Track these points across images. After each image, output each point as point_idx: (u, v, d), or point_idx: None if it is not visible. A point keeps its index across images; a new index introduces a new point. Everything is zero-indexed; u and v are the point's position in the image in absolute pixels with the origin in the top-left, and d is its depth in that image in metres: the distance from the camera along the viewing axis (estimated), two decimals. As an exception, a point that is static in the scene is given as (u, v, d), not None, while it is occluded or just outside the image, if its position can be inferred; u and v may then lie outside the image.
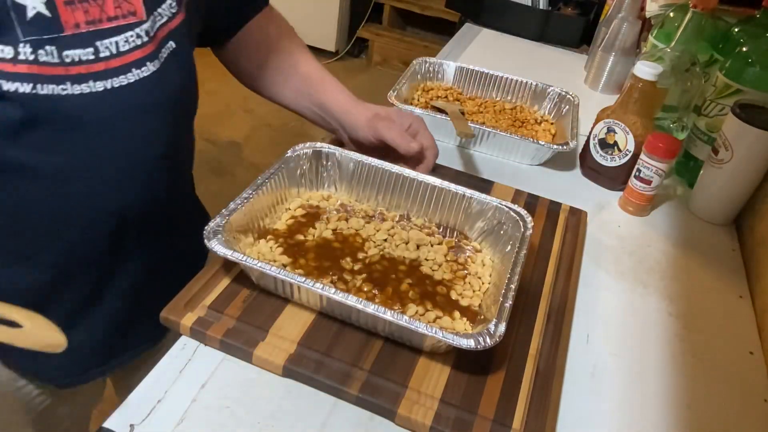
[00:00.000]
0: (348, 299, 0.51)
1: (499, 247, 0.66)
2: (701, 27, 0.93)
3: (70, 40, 0.49)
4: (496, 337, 0.50)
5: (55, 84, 0.49)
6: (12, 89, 0.48)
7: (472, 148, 0.93)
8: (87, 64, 0.50)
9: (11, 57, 0.47)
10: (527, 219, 0.64)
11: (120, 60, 0.52)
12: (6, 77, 0.47)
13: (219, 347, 0.54)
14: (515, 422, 0.50)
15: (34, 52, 0.47)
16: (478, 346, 0.49)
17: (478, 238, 0.69)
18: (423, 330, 0.50)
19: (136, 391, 0.50)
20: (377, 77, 3.31)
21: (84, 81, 0.50)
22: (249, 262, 0.53)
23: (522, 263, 0.59)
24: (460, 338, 0.50)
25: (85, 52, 0.50)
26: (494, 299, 0.57)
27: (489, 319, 0.53)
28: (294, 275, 0.54)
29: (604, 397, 0.57)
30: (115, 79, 0.52)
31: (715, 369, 0.63)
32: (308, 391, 0.52)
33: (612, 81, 1.20)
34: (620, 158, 0.85)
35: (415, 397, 0.51)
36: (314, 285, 0.52)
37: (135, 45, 0.53)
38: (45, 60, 0.48)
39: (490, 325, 0.51)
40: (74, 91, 0.50)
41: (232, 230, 0.58)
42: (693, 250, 0.80)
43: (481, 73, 1.04)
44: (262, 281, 0.57)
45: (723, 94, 0.85)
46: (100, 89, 0.52)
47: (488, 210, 0.67)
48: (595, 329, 0.64)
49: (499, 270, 0.63)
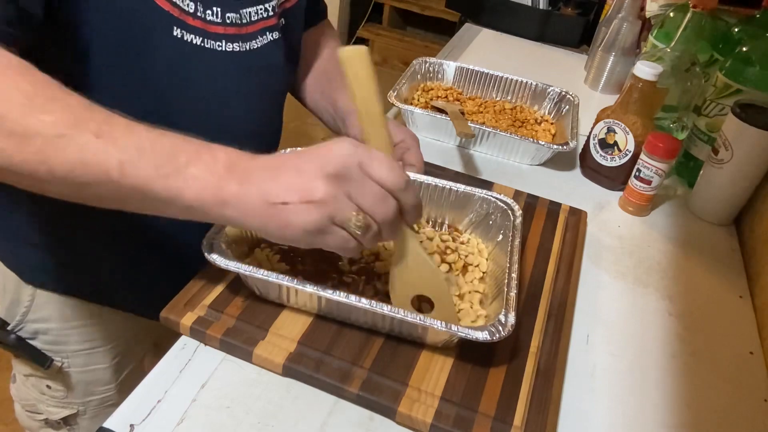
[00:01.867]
0: (373, 306, 0.51)
1: (490, 237, 0.66)
2: (701, 27, 0.93)
3: (228, 4, 0.59)
4: (509, 326, 0.51)
5: (213, 40, 0.58)
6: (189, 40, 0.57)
7: (472, 148, 0.93)
8: (237, 27, 0.60)
9: (192, 11, 0.56)
10: (514, 207, 0.65)
11: (253, 27, 0.62)
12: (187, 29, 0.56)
13: (219, 346, 0.54)
14: (516, 419, 0.50)
15: (204, 11, 0.57)
16: (493, 338, 0.50)
17: (468, 229, 0.69)
18: (439, 326, 0.50)
19: (136, 391, 0.50)
20: (377, 77, 3.30)
21: (235, 41, 0.61)
22: (253, 272, 0.52)
23: (518, 251, 0.59)
24: (475, 331, 0.50)
25: (236, 16, 0.60)
26: (497, 290, 0.57)
27: (497, 310, 0.54)
28: (305, 283, 0.52)
29: (604, 397, 0.57)
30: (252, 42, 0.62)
31: (715, 369, 0.63)
32: (308, 391, 0.52)
33: (612, 81, 1.20)
34: (620, 158, 0.85)
35: (416, 395, 0.51)
36: (333, 293, 0.51)
37: (261, 17, 0.63)
38: (211, 20, 0.58)
39: (500, 316, 0.52)
40: (227, 48, 0.60)
41: (228, 240, 0.57)
42: (693, 250, 0.80)
43: (481, 73, 1.04)
44: (266, 291, 0.56)
45: (723, 94, 0.85)
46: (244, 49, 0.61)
47: (475, 201, 0.68)
48: (595, 329, 0.64)
49: (494, 259, 0.64)
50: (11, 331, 0.72)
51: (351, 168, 0.44)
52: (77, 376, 0.77)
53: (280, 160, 0.46)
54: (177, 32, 0.56)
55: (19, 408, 0.81)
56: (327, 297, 0.52)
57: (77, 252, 0.69)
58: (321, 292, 0.52)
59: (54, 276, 0.70)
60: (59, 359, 0.74)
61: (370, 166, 0.45)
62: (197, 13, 0.56)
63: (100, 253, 0.69)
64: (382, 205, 0.45)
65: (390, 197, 0.46)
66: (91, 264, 0.70)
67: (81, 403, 0.79)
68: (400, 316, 0.50)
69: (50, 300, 0.71)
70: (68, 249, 0.69)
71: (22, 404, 0.80)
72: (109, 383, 0.80)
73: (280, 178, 0.45)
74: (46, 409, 0.78)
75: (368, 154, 0.45)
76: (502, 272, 0.58)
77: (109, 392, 0.80)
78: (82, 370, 0.77)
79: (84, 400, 0.79)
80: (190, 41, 0.57)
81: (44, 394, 0.77)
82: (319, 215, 0.44)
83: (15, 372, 0.79)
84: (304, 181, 0.44)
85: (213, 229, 0.56)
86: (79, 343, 0.75)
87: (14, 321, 0.72)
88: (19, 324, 0.72)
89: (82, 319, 0.73)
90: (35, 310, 0.71)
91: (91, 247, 0.69)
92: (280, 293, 0.55)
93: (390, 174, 0.45)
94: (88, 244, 0.68)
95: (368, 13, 3.31)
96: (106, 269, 0.71)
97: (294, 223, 0.44)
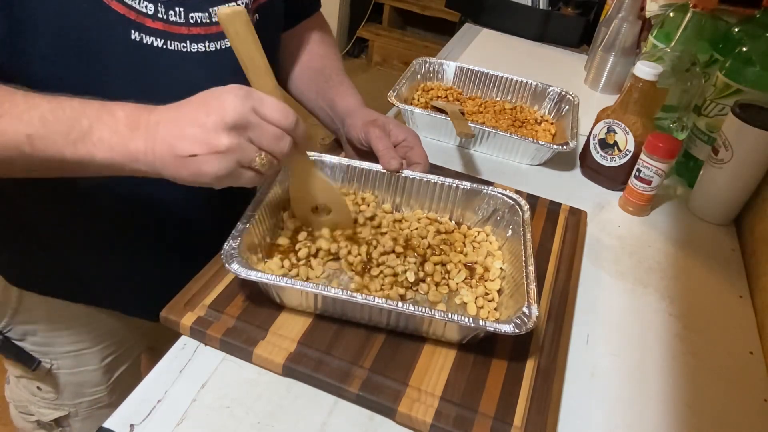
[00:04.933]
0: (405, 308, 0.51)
1: (500, 232, 0.67)
2: (701, 27, 0.93)
3: (192, 4, 0.57)
4: (533, 318, 0.51)
5: (178, 41, 0.57)
6: (148, 42, 0.55)
7: (472, 148, 0.93)
8: (204, 26, 0.58)
9: (152, 13, 0.54)
10: (522, 203, 0.66)
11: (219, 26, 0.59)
12: (146, 32, 0.55)
13: (219, 346, 0.54)
14: (516, 420, 0.50)
15: (166, 12, 0.55)
16: (520, 330, 0.51)
17: (476, 226, 0.69)
18: (467, 322, 0.51)
19: (136, 391, 0.50)
20: (377, 77, 3.30)
21: (201, 41, 0.59)
22: (276, 281, 0.52)
23: (531, 245, 0.60)
24: (501, 325, 0.51)
25: (204, 15, 0.58)
26: (514, 285, 0.58)
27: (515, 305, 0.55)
28: (332, 289, 0.52)
29: (604, 397, 0.57)
30: (221, 42, 0.60)
31: (715, 369, 0.63)
32: (308, 391, 0.52)
33: (612, 81, 1.20)
34: (620, 158, 0.85)
35: (416, 395, 0.51)
36: (369, 299, 0.52)
37: None
38: (174, 20, 0.56)
39: (523, 309, 0.52)
40: (192, 49, 0.59)
41: (245, 251, 0.57)
42: (693, 250, 0.80)
43: (481, 73, 1.04)
44: (288, 299, 0.56)
45: (723, 94, 0.85)
46: (212, 49, 0.60)
47: (482, 198, 0.68)
48: (595, 329, 0.64)
49: (506, 255, 0.64)
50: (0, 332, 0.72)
51: (248, 115, 0.48)
52: (66, 378, 0.76)
53: (180, 112, 0.49)
54: (135, 35, 0.55)
55: (14, 409, 0.81)
56: (371, 305, 0.52)
57: (62, 254, 0.68)
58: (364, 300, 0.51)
59: (39, 278, 0.70)
60: (48, 361, 0.74)
61: (262, 110, 0.49)
62: (157, 15, 0.55)
63: (85, 255, 0.69)
64: (280, 143, 0.50)
65: (285, 135, 0.51)
66: (77, 265, 0.69)
67: (72, 404, 0.79)
68: (429, 315, 0.51)
69: (37, 302, 0.71)
70: (52, 251, 0.68)
71: (15, 405, 0.80)
72: (99, 385, 0.79)
73: (185, 132, 0.47)
74: (37, 411, 0.78)
75: (260, 100, 0.49)
76: (517, 268, 0.59)
77: (100, 394, 0.80)
78: (71, 371, 0.76)
79: (74, 402, 0.79)
80: (150, 44, 0.56)
81: (35, 396, 0.77)
82: (227, 162, 0.48)
83: (9, 374, 0.79)
84: (209, 135, 0.47)
85: (230, 242, 0.56)
86: (68, 345, 0.74)
87: (2, 323, 0.72)
88: (8, 326, 0.72)
89: (70, 320, 0.73)
90: (22, 311, 0.71)
91: (76, 248, 0.68)
92: (307, 301, 0.55)
93: (281, 115, 0.50)
94: (73, 245, 0.68)
95: (368, 13, 3.31)
96: (92, 270, 0.70)
97: (205, 171, 0.48)
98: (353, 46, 3.40)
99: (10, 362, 0.75)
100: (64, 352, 0.75)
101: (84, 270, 0.70)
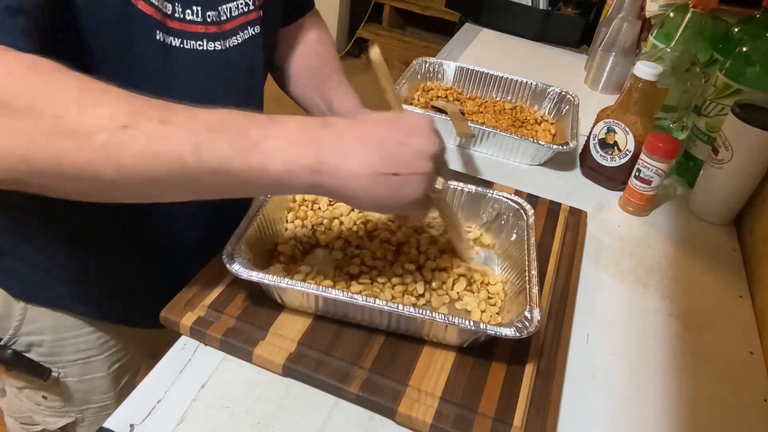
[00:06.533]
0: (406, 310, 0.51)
1: (504, 236, 0.67)
2: (701, 27, 0.93)
3: (207, 2, 0.57)
4: (535, 322, 0.51)
5: (194, 40, 0.57)
6: (169, 42, 0.55)
7: (472, 148, 0.93)
8: (217, 25, 0.58)
9: (170, 13, 0.54)
10: (526, 207, 0.66)
11: (233, 23, 0.60)
12: (167, 31, 0.54)
13: (219, 347, 0.54)
14: (516, 420, 0.50)
15: (183, 11, 0.55)
16: (521, 334, 0.51)
17: (480, 230, 0.69)
18: (468, 326, 0.51)
19: (136, 391, 0.50)
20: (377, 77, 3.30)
21: (217, 39, 0.59)
22: (277, 282, 0.52)
23: (535, 249, 0.60)
24: (502, 329, 0.51)
25: (216, 14, 0.58)
26: (518, 288, 0.58)
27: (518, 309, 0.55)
28: (334, 290, 0.52)
29: (604, 397, 0.57)
30: (231, 39, 0.60)
31: (715, 369, 0.63)
32: (308, 391, 0.52)
33: (612, 81, 1.20)
34: (620, 158, 0.85)
35: (416, 395, 0.51)
36: (373, 301, 0.52)
37: (242, 12, 0.61)
38: (191, 19, 0.56)
39: (525, 313, 0.52)
40: (208, 48, 0.58)
41: (247, 252, 0.57)
42: (693, 250, 0.80)
43: (481, 73, 1.04)
44: (289, 300, 0.56)
45: (723, 94, 0.85)
46: (225, 47, 0.60)
47: (487, 202, 0.68)
48: (595, 329, 0.64)
49: (510, 259, 0.64)
50: (6, 346, 0.70)
51: (439, 147, 0.50)
52: (74, 386, 0.75)
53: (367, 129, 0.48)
54: (159, 36, 0.54)
55: (12, 421, 0.79)
56: (372, 306, 0.51)
57: (66, 267, 0.67)
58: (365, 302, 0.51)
59: (43, 291, 0.69)
60: (55, 370, 0.73)
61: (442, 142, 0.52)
62: (175, 14, 0.54)
63: (88, 268, 0.68)
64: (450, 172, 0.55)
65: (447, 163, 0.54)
66: (81, 278, 0.68)
67: (78, 411, 0.78)
68: (429, 318, 0.51)
69: (42, 313, 0.69)
70: (56, 264, 0.67)
71: (16, 417, 0.78)
72: (107, 391, 0.78)
73: (389, 151, 0.47)
74: (43, 420, 0.77)
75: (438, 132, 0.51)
76: (520, 271, 0.59)
77: (108, 400, 0.79)
78: (80, 379, 0.75)
79: (81, 408, 0.78)
80: (170, 44, 0.55)
81: (40, 405, 0.75)
82: (423, 186, 0.49)
83: (4, 386, 0.76)
84: (417, 158, 0.48)
85: (231, 243, 0.56)
86: (75, 353, 0.73)
87: (7, 335, 0.70)
88: (13, 338, 0.70)
89: (76, 329, 0.72)
90: (27, 323, 0.70)
91: (80, 261, 0.67)
92: (308, 302, 0.55)
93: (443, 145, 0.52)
94: (77, 258, 0.67)
95: (368, 13, 3.31)
96: (97, 283, 0.69)
97: (404, 192, 0.48)
98: (353, 46, 3.40)
99: (12, 374, 0.74)
100: (72, 360, 0.73)
101: (87, 282, 0.69)
